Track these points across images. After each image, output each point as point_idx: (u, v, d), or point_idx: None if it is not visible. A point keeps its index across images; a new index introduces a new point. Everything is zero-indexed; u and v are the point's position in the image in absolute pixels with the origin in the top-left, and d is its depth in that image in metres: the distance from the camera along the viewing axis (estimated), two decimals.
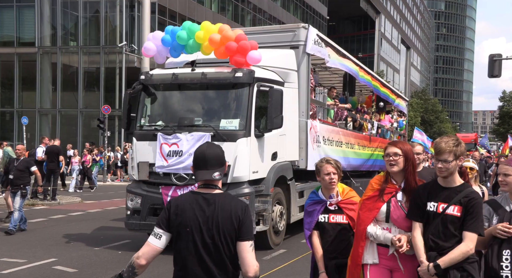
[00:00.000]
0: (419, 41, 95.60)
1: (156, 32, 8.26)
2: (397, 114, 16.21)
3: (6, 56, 32.84)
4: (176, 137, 7.64)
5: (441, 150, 3.21)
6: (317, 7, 54.24)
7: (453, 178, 3.22)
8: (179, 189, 7.58)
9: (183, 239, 2.62)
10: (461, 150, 3.22)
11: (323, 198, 3.87)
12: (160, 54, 8.22)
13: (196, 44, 7.97)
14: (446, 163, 3.18)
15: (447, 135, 3.47)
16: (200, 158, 2.70)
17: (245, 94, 7.76)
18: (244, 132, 7.66)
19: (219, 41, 7.73)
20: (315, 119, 9.68)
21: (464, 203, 3.12)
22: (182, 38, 7.95)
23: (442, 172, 3.21)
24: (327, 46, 10.18)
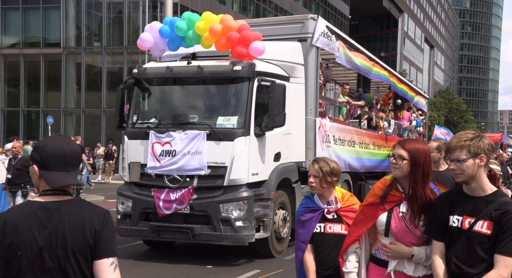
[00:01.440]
0: (443, 40, 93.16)
1: (154, 23, 7.58)
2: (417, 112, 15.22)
3: (33, 57, 33.05)
4: (170, 136, 6.94)
5: (450, 146, 2.55)
6: (339, 6, 53.15)
7: (480, 184, 2.51)
8: (172, 192, 6.90)
9: (14, 267, 1.89)
10: (479, 145, 2.50)
11: (320, 204, 3.28)
12: (157, 46, 7.54)
13: (196, 36, 7.26)
14: (459, 162, 2.49)
15: (467, 129, 2.72)
16: (60, 155, 1.98)
17: (245, 90, 7.01)
18: (243, 130, 6.92)
19: (220, 31, 7.01)
20: (325, 118, 8.87)
21: (496, 217, 2.41)
22: (181, 28, 7.25)
23: (458, 176, 2.53)
24: (339, 40, 9.35)
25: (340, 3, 53.29)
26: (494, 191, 2.51)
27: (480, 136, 2.53)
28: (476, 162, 2.47)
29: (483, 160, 2.49)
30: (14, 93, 34.07)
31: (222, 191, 6.87)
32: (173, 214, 6.91)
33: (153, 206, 6.93)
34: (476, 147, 2.48)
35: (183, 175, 6.89)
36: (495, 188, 2.55)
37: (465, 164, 2.46)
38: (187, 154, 6.86)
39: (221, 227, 6.81)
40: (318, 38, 8.16)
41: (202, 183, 6.91)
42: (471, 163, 2.47)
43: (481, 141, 2.50)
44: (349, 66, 9.76)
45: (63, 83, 32.04)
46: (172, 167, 6.91)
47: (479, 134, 2.54)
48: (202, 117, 7.14)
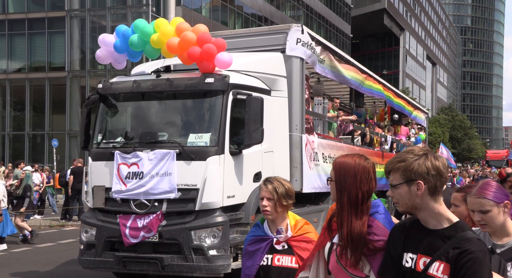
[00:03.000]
0: (445, 57, 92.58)
1: (106, 37, 6.81)
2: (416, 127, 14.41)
3: (38, 81, 33.03)
4: (136, 156, 6.20)
5: (385, 168, 2.09)
6: (340, 25, 52.84)
7: (432, 214, 2.00)
8: (139, 218, 6.12)
9: None
10: (412, 167, 1.96)
11: (268, 233, 2.83)
12: (117, 61, 6.85)
13: (154, 50, 6.55)
14: (394, 188, 2.01)
15: (414, 147, 2.10)
16: None
17: (218, 104, 6.28)
18: (216, 149, 6.17)
19: (177, 46, 6.27)
20: (312, 134, 8.12)
21: (453, 258, 1.90)
22: (136, 44, 6.48)
23: (398, 206, 2.07)
24: (326, 51, 8.65)
25: (341, 22, 53.00)
26: (454, 222, 1.98)
27: (422, 156, 1.96)
28: (413, 189, 1.96)
29: (420, 187, 1.95)
30: (20, 117, 33.94)
31: (193, 216, 6.09)
32: (140, 243, 6.12)
33: (118, 234, 6.15)
34: (409, 170, 1.94)
35: (151, 199, 6.13)
36: (455, 218, 2.01)
37: (399, 191, 1.98)
38: (156, 175, 6.11)
39: (193, 256, 6.01)
40: (293, 48, 7.43)
41: (172, 208, 6.14)
42: (405, 191, 1.97)
43: (415, 162, 1.95)
44: (337, 79, 9.03)
45: (67, 106, 31.84)
46: (139, 190, 6.16)
47: (424, 153, 1.98)
48: (172, 135, 6.40)
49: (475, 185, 2.56)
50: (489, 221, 2.33)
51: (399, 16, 63.34)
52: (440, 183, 1.97)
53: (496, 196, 2.33)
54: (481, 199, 2.34)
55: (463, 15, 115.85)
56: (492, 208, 2.31)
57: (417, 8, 72.65)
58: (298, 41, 7.65)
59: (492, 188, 2.36)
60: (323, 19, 49.75)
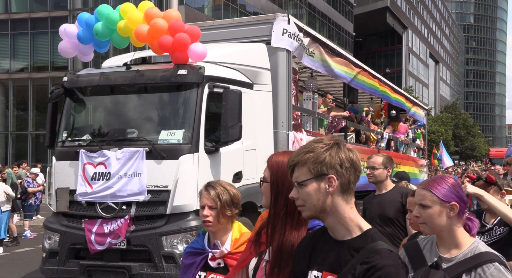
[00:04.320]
0: (448, 55, 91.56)
1: (68, 27, 6.16)
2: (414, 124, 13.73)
3: (41, 80, 32.73)
4: (103, 155, 5.61)
5: (288, 162, 1.72)
6: (343, 24, 52.14)
7: (341, 220, 1.63)
8: (106, 224, 5.53)
9: None
10: (323, 159, 1.60)
11: (205, 246, 2.44)
12: (83, 53, 6.24)
13: (122, 39, 5.93)
14: (300, 186, 1.62)
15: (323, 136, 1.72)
16: None
17: (192, 98, 5.68)
18: (190, 146, 5.57)
19: (146, 34, 5.66)
20: (301, 131, 7.50)
21: (359, 275, 1.54)
22: (102, 34, 5.84)
23: (299, 208, 1.66)
24: (316, 42, 8.02)
25: (344, 21, 52.28)
26: (365, 230, 1.63)
27: (333, 145, 1.61)
28: (323, 187, 1.59)
29: (332, 183, 1.59)
30: (23, 117, 33.64)
31: (164, 221, 5.49)
32: (107, 250, 5.54)
33: (83, 241, 5.57)
34: (319, 162, 1.58)
35: (119, 202, 5.54)
36: (367, 225, 1.64)
37: (304, 191, 1.60)
38: (124, 176, 5.52)
39: (164, 264, 5.41)
40: (279, 39, 6.82)
41: (141, 211, 5.55)
42: (314, 189, 1.59)
43: (329, 153, 1.59)
44: (328, 73, 8.41)
45: None
46: (106, 193, 5.56)
47: (335, 143, 1.62)
48: (142, 132, 5.79)
49: None
50: (427, 219, 1.98)
51: (402, 14, 62.50)
52: (354, 178, 1.62)
53: (444, 194, 1.98)
54: (425, 191, 2.01)
55: (466, 13, 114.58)
56: (433, 204, 1.97)
57: (420, 6, 71.74)
58: (284, 32, 7.03)
59: (444, 184, 2.01)
60: (325, 17, 49.11)
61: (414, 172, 13.08)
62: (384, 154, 4.16)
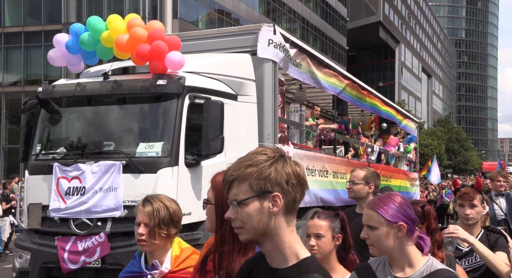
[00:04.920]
0: (440, 69, 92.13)
1: (60, 36, 6.03)
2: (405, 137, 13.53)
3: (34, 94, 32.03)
4: (78, 169, 5.33)
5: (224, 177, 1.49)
6: (336, 38, 52.34)
7: (279, 245, 1.42)
8: (80, 241, 5.24)
9: None
10: (269, 172, 1.37)
11: (142, 268, 2.32)
12: (71, 63, 6.03)
13: (106, 50, 5.74)
14: (240, 206, 1.39)
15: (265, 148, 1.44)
16: None
17: (172, 109, 5.44)
18: (169, 160, 5.31)
19: (126, 44, 5.45)
20: (287, 144, 7.27)
21: None
22: (87, 43, 5.68)
23: (237, 231, 1.43)
24: (303, 54, 7.83)
25: (338, 35, 52.48)
26: (301, 259, 1.41)
27: (279, 158, 1.40)
28: (266, 206, 1.37)
29: (277, 202, 1.38)
30: (15, 131, 33.25)
31: None
32: (81, 268, 5.23)
33: (56, 259, 5.26)
34: (263, 178, 1.35)
35: (94, 218, 5.25)
36: (305, 252, 1.44)
37: (245, 211, 1.37)
38: (99, 191, 5.24)
39: None
40: (264, 50, 6.62)
41: (117, 228, 5.26)
42: (256, 209, 1.37)
43: (275, 167, 1.36)
44: (316, 85, 8.21)
45: None
46: (80, 208, 5.27)
47: (281, 155, 1.41)
48: (120, 145, 5.53)
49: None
50: (375, 241, 1.91)
51: (394, 29, 62.93)
52: (300, 196, 1.42)
53: (391, 214, 1.91)
54: (371, 212, 1.94)
55: (457, 28, 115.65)
56: (380, 225, 1.90)
57: (412, 21, 72.30)
58: (270, 42, 6.83)
59: (392, 204, 1.93)
60: (319, 31, 49.28)
61: (405, 185, 12.85)
62: (370, 169, 3.81)
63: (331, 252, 2.41)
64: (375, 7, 58.34)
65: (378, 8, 58.25)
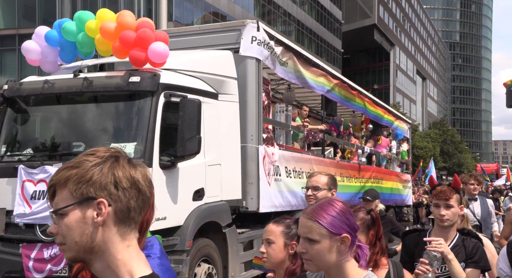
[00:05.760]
0: (435, 72, 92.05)
1: (41, 28, 5.74)
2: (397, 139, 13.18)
3: None
4: (45, 172, 4.97)
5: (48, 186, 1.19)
6: (331, 41, 52.10)
7: (112, 266, 1.11)
8: (46, 248, 4.89)
9: None
10: (92, 174, 1.09)
11: None
12: (45, 57, 5.68)
13: (88, 39, 5.40)
14: (61, 217, 1.15)
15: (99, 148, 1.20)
16: None
17: (146, 108, 5.09)
18: (142, 161, 4.96)
19: (113, 31, 5.15)
20: (272, 145, 6.93)
21: None
22: (69, 31, 5.39)
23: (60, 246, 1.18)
24: (289, 52, 7.50)
25: (332, 38, 52.21)
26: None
27: (109, 159, 1.13)
28: (89, 215, 1.09)
29: (102, 210, 1.09)
30: None
31: None
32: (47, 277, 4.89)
33: (20, 268, 4.91)
34: (85, 181, 1.08)
35: None
36: (143, 271, 1.09)
37: (65, 221, 1.09)
38: None
39: None
40: (248, 47, 6.30)
41: None
42: (76, 218, 1.09)
43: (100, 168, 1.10)
44: (303, 84, 7.88)
45: None
46: (47, 213, 4.89)
47: (112, 155, 1.13)
48: (90, 146, 5.16)
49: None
50: (315, 256, 1.59)
51: (389, 32, 62.74)
52: (137, 204, 1.13)
53: (334, 225, 1.59)
54: (311, 222, 1.61)
55: (451, 31, 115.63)
56: (322, 238, 1.59)
57: (407, 24, 72.16)
58: (253, 39, 6.51)
59: (333, 211, 1.62)
60: (314, 34, 49.02)
61: (397, 187, 12.52)
62: (328, 174, 3.40)
63: (282, 261, 2.08)
64: (370, 10, 58.15)
65: (373, 11, 58.06)
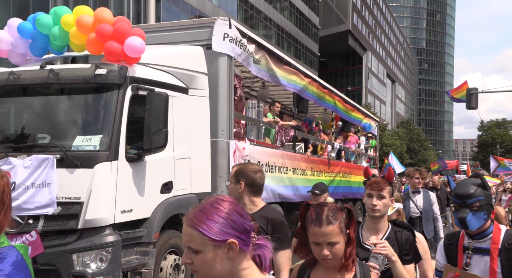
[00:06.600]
0: (403, 75, 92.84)
1: (14, 19, 5.31)
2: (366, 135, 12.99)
3: None
4: (9, 163, 4.56)
5: None
6: (309, 45, 52.01)
7: None
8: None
9: None
10: None
11: None
12: (15, 48, 5.25)
13: (63, 33, 4.99)
14: None
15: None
16: None
17: (112, 101, 4.71)
18: (107, 154, 4.59)
19: (90, 25, 4.78)
20: (243, 140, 6.61)
21: None
22: (44, 23, 4.99)
23: None
24: (262, 50, 7.18)
25: (310, 42, 52.08)
26: None
27: None
28: None
29: None
30: None
31: (76, 236, 4.48)
32: None
33: None
34: None
35: (25, 216, 4.50)
36: None
37: None
38: (31, 186, 4.49)
39: None
40: (219, 44, 5.97)
41: (49, 226, 4.52)
42: None
43: None
44: (275, 82, 7.58)
45: None
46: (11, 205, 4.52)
47: None
48: (55, 138, 4.78)
49: None
50: (201, 267, 1.33)
51: (362, 38, 62.98)
52: None
53: (218, 231, 1.32)
54: (192, 230, 1.33)
55: (418, 38, 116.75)
56: (204, 248, 1.31)
57: (378, 31, 72.53)
58: (225, 36, 6.17)
59: (216, 216, 1.34)
60: (293, 38, 48.85)
61: None
62: (239, 165, 3.00)
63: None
64: (345, 17, 58.20)
65: (348, 17, 58.11)
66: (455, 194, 2.35)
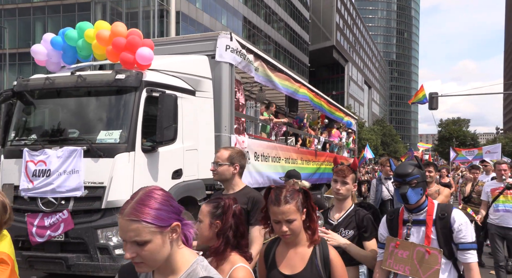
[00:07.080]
0: (378, 82, 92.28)
1: (48, 34, 5.14)
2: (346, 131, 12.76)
3: None
4: (44, 154, 4.41)
5: None
6: (301, 57, 51.75)
7: None
8: (47, 217, 4.34)
9: None
10: None
11: None
12: (50, 58, 5.08)
13: (86, 45, 4.83)
14: None
15: None
16: None
17: (130, 101, 4.54)
18: (126, 146, 4.42)
19: (108, 38, 4.60)
20: (243, 134, 6.42)
21: None
22: (71, 37, 4.82)
23: None
24: (258, 59, 6.96)
25: (302, 55, 51.82)
26: None
27: None
28: None
29: None
30: None
31: (100, 215, 4.33)
32: (48, 242, 4.34)
33: (26, 233, 4.36)
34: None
35: (58, 197, 4.35)
36: None
37: None
38: (63, 173, 4.34)
39: (99, 256, 4.25)
40: (222, 54, 5.76)
41: (78, 206, 4.37)
42: None
43: None
44: (272, 87, 7.37)
45: None
46: (47, 188, 4.36)
47: None
48: (83, 132, 4.62)
49: None
50: (149, 257, 1.10)
51: (344, 51, 62.60)
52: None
53: (163, 217, 1.11)
54: (136, 224, 1.09)
55: (390, 52, 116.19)
56: (153, 236, 1.10)
57: (357, 46, 72.08)
58: (227, 47, 5.95)
59: (154, 202, 1.12)
60: (287, 52, 48.59)
61: None
62: (234, 148, 2.72)
63: (209, 239, 1.65)
64: (330, 34, 57.80)
65: (332, 35, 57.71)
66: (396, 173, 2.22)
